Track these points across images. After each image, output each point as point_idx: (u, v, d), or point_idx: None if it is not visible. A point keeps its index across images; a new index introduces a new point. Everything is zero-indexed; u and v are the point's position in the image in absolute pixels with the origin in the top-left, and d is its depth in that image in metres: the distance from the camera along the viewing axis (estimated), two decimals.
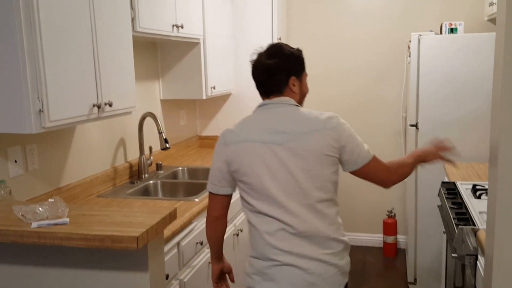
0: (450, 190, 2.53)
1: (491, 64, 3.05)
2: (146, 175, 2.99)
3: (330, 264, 1.72)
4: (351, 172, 1.78)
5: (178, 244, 2.20)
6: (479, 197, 2.35)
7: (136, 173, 3.02)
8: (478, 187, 2.46)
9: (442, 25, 3.35)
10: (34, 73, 1.79)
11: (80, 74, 2.01)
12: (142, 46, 3.11)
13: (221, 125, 3.85)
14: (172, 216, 1.84)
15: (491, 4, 3.31)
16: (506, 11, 1.16)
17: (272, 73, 1.79)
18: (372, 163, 1.77)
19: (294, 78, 1.79)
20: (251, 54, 1.86)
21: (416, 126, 3.26)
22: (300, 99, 1.85)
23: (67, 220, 1.74)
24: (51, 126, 1.87)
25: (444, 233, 2.79)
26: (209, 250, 2.47)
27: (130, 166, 2.98)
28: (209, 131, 3.91)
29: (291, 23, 4.17)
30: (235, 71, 3.77)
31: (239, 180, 1.79)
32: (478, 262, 1.87)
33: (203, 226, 2.44)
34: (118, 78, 2.30)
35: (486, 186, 2.47)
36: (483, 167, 2.95)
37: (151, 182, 2.92)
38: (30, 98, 1.79)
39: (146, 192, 2.88)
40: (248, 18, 3.70)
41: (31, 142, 2.23)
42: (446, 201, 2.39)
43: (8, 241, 1.66)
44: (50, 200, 1.78)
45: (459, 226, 1.96)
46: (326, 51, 4.02)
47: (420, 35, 3.19)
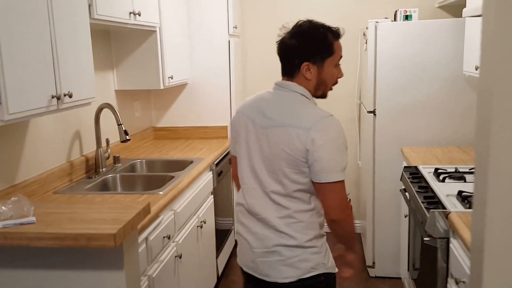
0: (414, 175, 2.59)
1: (446, 50, 3.15)
2: (103, 169, 2.85)
3: (274, 252, 1.72)
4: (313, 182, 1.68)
5: (146, 239, 2.12)
6: (443, 180, 2.41)
7: (93, 167, 2.87)
8: (440, 171, 2.54)
9: (396, 12, 3.41)
10: None
11: (38, 64, 1.88)
12: (95, 35, 2.95)
13: (177, 116, 3.75)
14: (146, 211, 1.77)
15: None
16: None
17: (287, 55, 1.73)
18: (330, 186, 1.63)
19: (308, 63, 1.70)
20: (281, 29, 1.78)
21: (373, 112, 3.31)
22: (316, 87, 1.76)
23: (34, 219, 1.63)
24: (10, 119, 1.73)
25: (405, 216, 2.87)
26: (175, 243, 2.42)
27: (87, 160, 2.84)
28: (164, 123, 3.80)
29: (246, 11, 4.12)
30: (191, 61, 3.68)
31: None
32: (451, 245, 1.92)
33: (170, 219, 2.39)
34: (77, 68, 2.17)
35: (449, 170, 2.56)
36: (441, 151, 3.05)
37: (110, 176, 2.80)
38: None
39: (104, 186, 2.75)
40: (203, 6, 3.61)
41: None
42: (411, 185, 2.44)
43: None
44: (13, 198, 1.66)
45: (431, 210, 2.00)
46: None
47: (377, 22, 3.23)
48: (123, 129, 2.74)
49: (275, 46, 1.77)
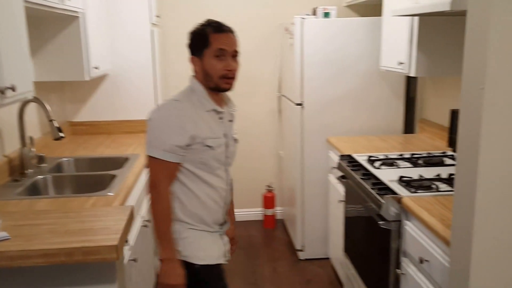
0: (352, 163, 2.77)
1: (364, 46, 3.39)
2: (30, 170, 2.60)
3: None
4: None
5: None
6: (380, 167, 2.62)
7: (17, 168, 2.60)
8: (372, 158, 2.75)
9: (316, 9, 3.57)
10: None
11: None
12: None
13: (96, 109, 3.53)
14: (132, 216, 1.67)
15: None
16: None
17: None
18: (149, 160, 1.80)
19: (192, 57, 1.88)
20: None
21: (301, 105, 3.45)
22: (204, 78, 1.87)
23: (6, 234, 1.46)
24: None
25: (340, 202, 3.05)
26: (129, 247, 2.31)
27: (9, 161, 2.56)
28: (82, 117, 3.54)
29: (165, 3, 4.00)
30: (112, 50, 3.48)
31: None
32: (406, 227, 2.11)
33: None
34: (17, 58, 1.95)
35: (381, 157, 2.78)
36: (363, 140, 3.28)
37: (40, 177, 2.56)
38: None
39: (35, 190, 2.51)
40: None
41: None
42: (354, 173, 2.61)
43: None
44: None
45: (385, 196, 2.17)
46: None
47: (303, 18, 3.35)
48: (56, 125, 2.52)
49: None
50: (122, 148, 3.15)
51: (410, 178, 2.34)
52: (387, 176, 2.45)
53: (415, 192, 2.19)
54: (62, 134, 2.53)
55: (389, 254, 2.23)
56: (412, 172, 2.47)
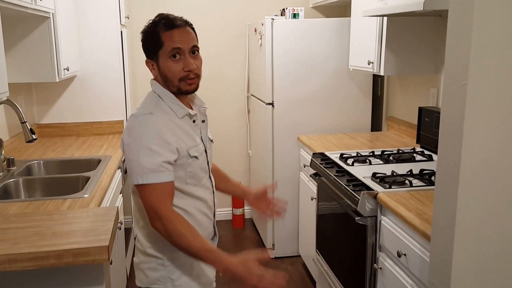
0: (325, 160, 2.82)
1: (333, 46, 3.47)
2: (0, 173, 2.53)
3: (136, 253, 1.76)
4: None
5: None
6: (352, 164, 2.69)
7: None
8: (345, 155, 2.81)
9: (285, 10, 3.62)
10: None
11: None
12: None
13: (64, 111, 3.45)
14: (118, 217, 1.66)
15: None
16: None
17: None
18: (138, 189, 1.53)
19: (148, 60, 1.65)
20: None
21: (272, 104, 3.50)
22: (164, 83, 1.64)
23: None
24: None
25: (312, 199, 3.11)
26: None
27: None
28: (49, 119, 3.45)
29: (133, 3, 3.96)
30: (80, 52, 3.41)
31: None
32: (383, 222, 2.18)
33: None
34: None
35: (353, 154, 2.85)
36: (333, 138, 3.35)
37: (11, 181, 2.49)
38: None
39: (6, 193, 2.44)
40: None
41: None
42: (328, 170, 2.67)
43: None
44: None
45: (362, 192, 2.24)
46: None
47: (273, 19, 3.39)
48: (28, 127, 2.45)
49: None
50: (93, 150, 3.10)
51: (384, 174, 2.41)
52: (361, 172, 2.51)
53: (390, 187, 2.26)
54: (35, 136, 2.47)
55: (365, 249, 2.29)
56: (384, 168, 2.55)
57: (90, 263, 1.39)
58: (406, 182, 2.30)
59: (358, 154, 2.84)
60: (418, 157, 2.75)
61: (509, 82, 1.36)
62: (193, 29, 1.66)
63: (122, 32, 3.45)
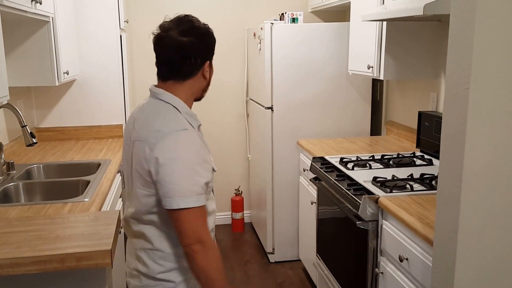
0: (325, 164, 2.83)
1: (332, 50, 3.47)
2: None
3: (135, 276, 1.59)
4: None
5: None
6: (353, 168, 2.69)
7: None
8: (345, 160, 2.82)
9: (284, 14, 3.63)
10: None
11: None
12: None
13: (63, 115, 3.44)
14: (120, 221, 1.65)
15: None
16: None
17: (183, 53, 1.51)
18: (177, 214, 1.41)
19: (209, 62, 1.59)
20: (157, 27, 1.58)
21: (271, 108, 3.50)
22: (207, 86, 1.63)
23: None
24: None
25: (312, 203, 3.11)
26: None
27: None
28: (49, 123, 3.45)
29: (131, 5, 3.96)
30: (80, 55, 3.40)
31: None
32: (384, 226, 2.18)
33: None
34: None
35: (353, 158, 2.85)
36: (333, 142, 3.35)
37: (11, 185, 2.48)
38: None
39: (6, 197, 2.43)
40: None
41: None
42: (328, 174, 2.67)
43: None
44: None
45: (363, 196, 2.24)
46: None
47: (272, 24, 3.40)
48: (29, 131, 2.45)
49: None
50: (92, 153, 3.09)
51: (384, 178, 2.42)
52: (361, 177, 2.51)
53: (391, 192, 2.26)
54: (35, 140, 2.47)
55: (366, 253, 2.29)
56: (385, 172, 2.56)
57: (93, 267, 1.39)
58: (407, 186, 2.30)
59: (358, 158, 2.85)
60: (418, 161, 2.75)
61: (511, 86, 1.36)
62: None
63: (121, 36, 3.45)
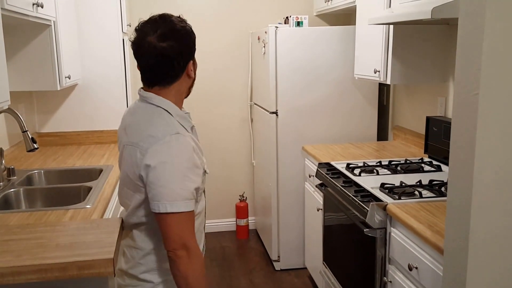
0: (331, 170, 2.77)
1: (338, 54, 3.43)
2: (0, 183, 2.47)
3: (120, 275, 1.59)
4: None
5: None
6: (360, 174, 2.64)
7: None
8: (352, 165, 2.77)
9: (289, 18, 3.59)
10: None
11: None
12: None
13: (65, 120, 3.40)
14: (122, 228, 1.61)
15: (328, 0, 3.69)
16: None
17: (167, 60, 1.49)
18: (163, 217, 1.41)
19: (191, 61, 1.55)
20: (133, 31, 1.55)
21: (276, 113, 3.45)
22: (193, 83, 1.61)
23: None
24: None
25: (318, 210, 3.06)
26: None
27: None
28: (50, 128, 3.41)
29: (135, 12, 3.93)
30: (82, 60, 3.37)
31: None
32: (392, 234, 2.13)
33: None
34: None
35: (360, 164, 2.80)
36: (339, 148, 3.31)
37: (12, 191, 2.43)
38: None
39: (7, 204, 2.39)
40: (92, 2, 3.32)
41: None
42: (334, 180, 2.62)
43: None
44: None
45: (371, 203, 2.18)
46: None
47: (276, 27, 3.36)
48: (30, 136, 2.41)
49: None
50: (94, 159, 3.05)
51: (392, 185, 2.36)
52: (368, 183, 2.46)
53: (399, 198, 2.21)
54: (36, 146, 2.43)
55: (374, 262, 2.24)
56: (392, 179, 2.50)
57: (95, 276, 1.34)
58: (416, 193, 2.25)
59: (365, 164, 2.80)
60: (426, 167, 2.70)
61: None
62: None
63: (123, 40, 3.41)
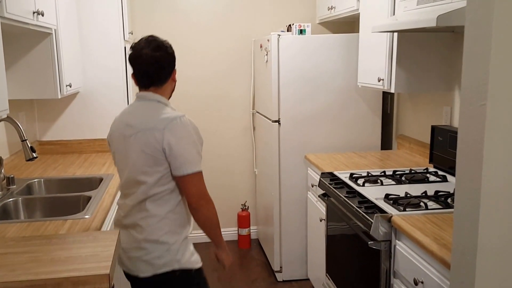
0: (334, 180, 2.73)
1: (341, 63, 3.40)
2: None
3: (137, 248, 1.90)
4: (175, 176, 1.89)
5: None
6: (363, 184, 2.59)
7: None
8: (355, 175, 2.72)
9: (291, 26, 3.56)
10: None
11: None
12: None
13: (66, 128, 3.38)
14: (120, 242, 1.57)
15: (331, 8, 3.66)
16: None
17: (159, 65, 1.93)
18: (189, 178, 1.87)
19: (175, 68, 2.03)
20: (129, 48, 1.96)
21: (278, 122, 3.42)
22: (174, 87, 2.07)
23: None
24: None
25: (321, 220, 3.01)
26: None
27: None
28: (51, 136, 3.38)
29: (137, 20, 3.92)
30: (83, 68, 3.35)
31: None
32: (397, 247, 2.08)
33: None
34: None
35: (363, 174, 2.76)
36: (342, 157, 3.26)
37: (10, 200, 2.40)
38: None
39: (5, 213, 2.35)
40: (95, 9, 3.31)
41: None
42: (338, 191, 2.57)
43: None
44: None
45: (375, 215, 2.14)
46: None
47: (279, 35, 3.33)
48: (29, 145, 2.38)
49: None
50: (95, 167, 3.02)
51: (397, 195, 2.32)
52: (372, 194, 2.42)
53: (404, 210, 2.16)
54: (35, 155, 2.39)
55: (379, 275, 2.19)
56: (397, 189, 2.46)
57: None
58: (421, 204, 2.20)
59: (369, 174, 2.75)
60: (431, 177, 2.65)
61: None
62: None
63: (125, 48, 3.39)
